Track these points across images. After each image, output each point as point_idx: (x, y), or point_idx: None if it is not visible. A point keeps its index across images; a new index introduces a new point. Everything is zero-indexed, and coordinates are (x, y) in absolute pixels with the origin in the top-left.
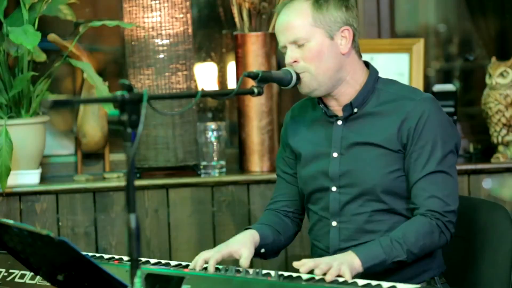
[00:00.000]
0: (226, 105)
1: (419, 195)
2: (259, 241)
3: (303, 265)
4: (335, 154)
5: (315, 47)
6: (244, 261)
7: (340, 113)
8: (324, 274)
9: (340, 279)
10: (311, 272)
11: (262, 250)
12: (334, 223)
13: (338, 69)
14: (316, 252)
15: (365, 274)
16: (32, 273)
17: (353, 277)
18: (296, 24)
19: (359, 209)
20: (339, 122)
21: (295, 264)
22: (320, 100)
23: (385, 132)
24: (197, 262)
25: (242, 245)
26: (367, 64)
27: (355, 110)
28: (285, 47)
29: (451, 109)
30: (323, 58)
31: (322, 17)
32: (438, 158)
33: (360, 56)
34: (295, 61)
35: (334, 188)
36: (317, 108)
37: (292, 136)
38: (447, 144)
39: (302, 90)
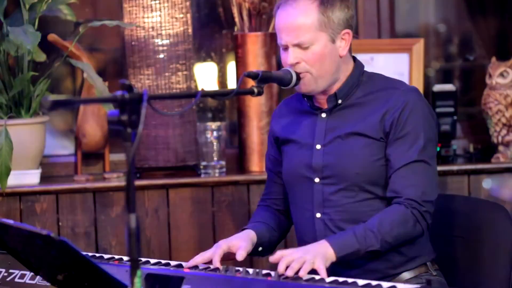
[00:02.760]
0: (226, 105)
1: (398, 183)
2: (256, 240)
3: (279, 262)
4: (318, 146)
5: (318, 50)
6: (241, 253)
7: (325, 105)
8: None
9: (340, 279)
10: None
11: (260, 249)
12: (318, 215)
13: (335, 71)
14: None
15: (361, 269)
16: (32, 273)
17: (358, 274)
18: (301, 27)
19: (343, 200)
20: (323, 115)
21: (271, 259)
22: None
23: (368, 120)
24: (196, 260)
25: (240, 239)
26: (353, 58)
27: (339, 101)
28: (286, 46)
29: (451, 109)
30: (324, 62)
31: (327, 21)
32: (420, 148)
33: (351, 53)
34: (297, 62)
35: (317, 180)
36: (302, 101)
37: (279, 129)
38: (428, 135)
39: (300, 90)
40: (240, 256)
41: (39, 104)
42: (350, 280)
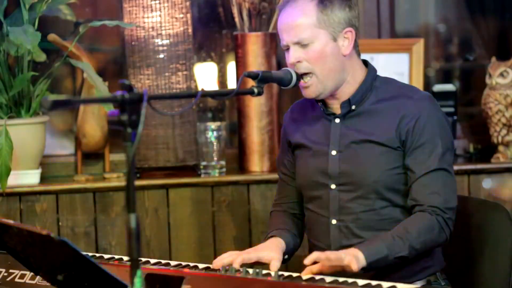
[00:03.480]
0: (226, 105)
1: (420, 191)
2: (285, 248)
3: (309, 258)
4: (333, 152)
5: (318, 48)
6: (275, 264)
7: (338, 111)
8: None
9: (340, 279)
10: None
11: (286, 257)
12: (333, 221)
13: (340, 70)
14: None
15: (367, 271)
16: (32, 273)
17: (358, 274)
18: (300, 25)
19: (360, 207)
20: (337, 120)
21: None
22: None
23: (383, 129)
24: (223, 259)
25: (271, 250)
26: (365, 62)
27: (353, 107)
28: (287, 46)
29: (451, 109)
30: (326, 60)
31: (326, 19)
32: (439, 156)
33: (359, 55)
34: (298, 61)
35: (333, 186)
36: (315, 106)
37: (292, 133)
38: (445, 143)
39: (308, 96)
40: (275, 267)
41: (39, 104)
42: (350, 280)
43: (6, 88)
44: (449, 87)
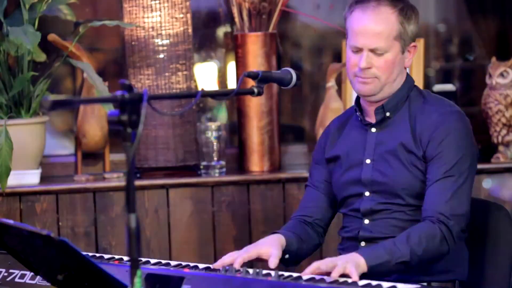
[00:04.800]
0: (226, 105)
1: (427, 199)
2: (285, 246)
3: (309, 267)
4: (368, 161)
5: (390, 58)
6: (273, 260)
7: (373, 118)
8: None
9: (341, 279)
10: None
11: (286, 256)
12: (366, 221)
13: (397, 80)
14: (344, 243)
15: (371, 277)
16: (32, 273)
17: (361, 277)
18: (380, 33)
19: (390, 209)
20: (373, 129)
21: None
22: (358, 107)
23: (411, 139)
24: (224, 260)
25: (270, 246)
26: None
27: (388, 114)
28: (361, 49)
29: None
30: (393, 70)
31: (403, 31)
32: (451, 165)
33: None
34: (368, 67)
35: (367, 193)
36: (351, 120)
37: (329, 145)
38: (462, 153)
39: (362, 92)
40: (273, 264)
41: (39, 104)
42: (350, 280)
43: (6, 88)
44: (449, 87)
